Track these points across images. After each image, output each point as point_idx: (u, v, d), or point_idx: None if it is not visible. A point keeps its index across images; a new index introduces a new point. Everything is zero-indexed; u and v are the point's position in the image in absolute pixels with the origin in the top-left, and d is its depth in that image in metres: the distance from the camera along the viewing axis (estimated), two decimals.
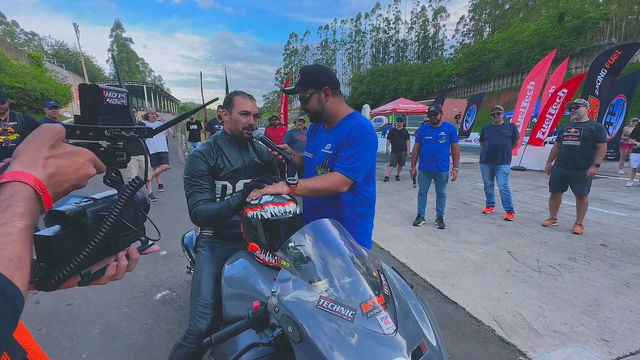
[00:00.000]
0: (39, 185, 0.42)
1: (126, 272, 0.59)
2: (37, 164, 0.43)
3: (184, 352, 1.35)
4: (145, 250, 0.64)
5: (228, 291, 1.27)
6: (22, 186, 0.40)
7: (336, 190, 1.42)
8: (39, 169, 0.43)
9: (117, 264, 0.57)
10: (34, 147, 0.44)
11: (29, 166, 0.42)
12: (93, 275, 0.53)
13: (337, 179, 1.40)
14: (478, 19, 60.64)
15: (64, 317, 2.42)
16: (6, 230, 0.36)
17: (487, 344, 2.16)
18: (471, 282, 2.99)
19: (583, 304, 2.60)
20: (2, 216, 0.37)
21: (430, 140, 4.49)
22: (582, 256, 3.55)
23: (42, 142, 0.45)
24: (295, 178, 1.35)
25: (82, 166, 0.49)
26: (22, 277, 0.36)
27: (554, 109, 9.05)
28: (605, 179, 8.38)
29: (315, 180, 1.41)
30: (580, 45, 32.21)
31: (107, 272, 0.56)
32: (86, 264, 0.50)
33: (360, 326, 0.79)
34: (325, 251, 0.96)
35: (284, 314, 0.80)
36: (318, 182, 1.40)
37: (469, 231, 4.42)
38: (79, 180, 0.49)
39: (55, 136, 0.46)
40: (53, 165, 0.45)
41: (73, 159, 0.48)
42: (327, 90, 1.48)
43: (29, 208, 0.39)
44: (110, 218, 0.51)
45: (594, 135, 4.10)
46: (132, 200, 0.56)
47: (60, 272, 0.47)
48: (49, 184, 0.44)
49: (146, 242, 0.64)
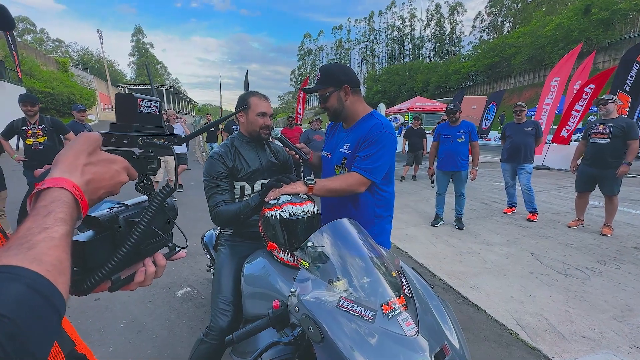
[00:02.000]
0: (78, 191, 0.43)
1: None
2: (76, 170, 0.44)
3: (206, 348, 1.38)
4: (172, 257, 0.65)
5: (248, 290, 1.29)
6: (63, 192, 0.41)
7: (354, 191, 1.42)
8: (77, 176, 0.44)
9: (145, 269, 0.58)
10: (73, 154, 0.46)
11: (69, 172, 0.44)
12: (123, 280, 0.54)
13: (355, 179, 1.40)
14: (497, 14, 58.84)
15: (91, 311, 2.53)
16: (50, 235, 0.37)
17: (511, 348, 2.10)
18: (493, 284, 2.91)
19: (614, 309, 2.48)
20: (45, 221, 0.38)
21: (448, 139, 4.40)
22: (612, 259, 3.39)
23: (81, 149, 0.46)
24: (312, 178, 1.36)
25: (116, 173, 0.50)
26: (64, 282, 0.36)
27: (580, 105, 8.67)
28: (637, 178, 7.95)
29: (333, 180, 1.41)
30: (608, 38, 30.63)
31: (136, 278, 0.57)
32: (117, 269, 0.51)
33: (381, 327, 0.78)
34: (344, 251, 0.96)
35: (304, 313, 0.81)
36: (336, 182, 1.39)
37: (490, 232, 4.30)
38: (113, 187, 0.50)
39: (93, 144, 0.48)
40: (90, 172, 0.46)
41: (109, 167, 0.49)
42: (346, 89, 1.48)
43: (69, 214, 0.41)
44: (141, 225, 0.52)
45: (625, 132, 3.90)
46: (162, 207, 0.57)
47: (92, 277, 0.48)
48: (86, 190, 0.45)
49: (173, 248, 0.65)
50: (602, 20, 29.71)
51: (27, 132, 3.82)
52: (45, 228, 0.37)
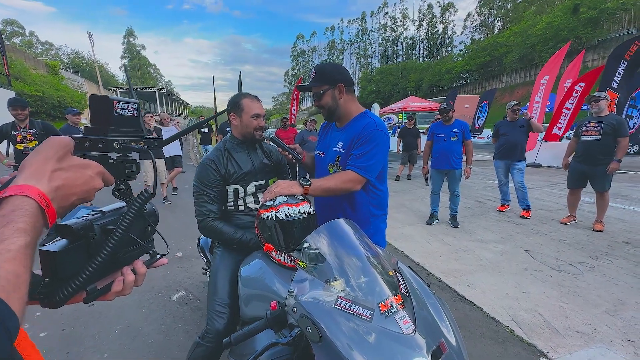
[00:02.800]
0: (44, 199, 0.40)
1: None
2: (43, 176, 0.42)
3: (202, 351, 1.37)
4: (153, 264, 0.62)
5: (244, 291, 1.28)
6: (26, 200, 0.39)
7: (349, 189, 1.42)
8: (44, 182, 0.42)
9: (123, 278, 0.55)
10: (40, 160, 0.43)
11: (34, 179, 0.41)
12: (99, 291, 0.52)
13: (350, 177, 1.40)
14: (488, 13, 59.48)
15: (86, 317, 2.49)
16: (5, 247, 0.35)
17: (507, 344, 2.12)
18: (488, 282, 2.94)
19: (606, 304, 2.52)
20: (2, 232, 0.36)
21: (442, 137, 4.44)
22: (604, 254, 3.44)
23: (49, 155, 0.44)
24: (308, 179, 1.36)
25: (90, 179, 0.48)
26: (19, 298, 0.33)
27: (570, 103, 8.79)
28: (627, 174, 8.09)
29: (328, 179, 1.42)
30: (597, 37, 31.17)
31: (113, 288, 0.54)
32: (92, 280, 0.49)
33: (379, 326, 0.78)
34: (340, 251, 0.96)
35: (302, 314, 0.81)
36: (331, 182, 1.40)
37: (484, 230, 4.34)
38: (86, 193, 0.47)
39: (63, 148, 0.45)
40: (60, 178, 0.44)
41: (81, 172, 0.47)
42: (341, 87, 1.48)
43: (31, 223, 0.38)
44: (117, 232, 0.50)
45: (615, 129, 3.97)
46: (140, 213, 0.55)
47: (65, 289, 0.46)
48: (55, 197, 0.42)
49: (154, 255, 0.62)
50: (590, 19, 30.23)
51: (17, 136, 3.76)
52: (2, 240, 0.35)
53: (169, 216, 5.27)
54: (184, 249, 3.85)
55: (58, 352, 2.11)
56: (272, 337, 1.02)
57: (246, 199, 1.67)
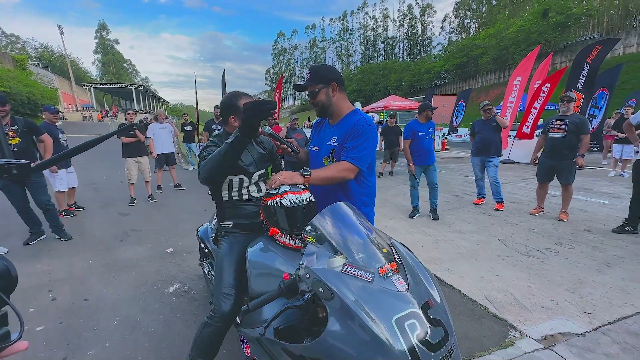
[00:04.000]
0: None
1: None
2: None
3: (211, 330, 1.49)
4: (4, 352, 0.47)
5: (253, 271, 1.42)
6: None
7: (344, 177, 1.58)
8: None
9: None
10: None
11: None
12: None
13: (345, 167, 1.56)
14: (464, 16, 61.36)
15: (82, 311, 2.53)
16: None
17: (482, 320, 2.36)
18: (465, 267, 3.19)
19: (567, 283, 2.82)
20: None
21: (424, 136, 4.69)
22: (567, 241, 3.79)
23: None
24: (308, 169, 1.51)
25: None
26: None
27: (538, 102, 9.37)
28: (590, 170, 8.73)
29: (325, 169, 1.57)
30: (564, 40, 32.94)
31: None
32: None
33: (379, 286, 0.95)
34: (343, 228, 1.12)
35: (314, 278, 0.96)
36: (328, 171, 1.56)
37: (462, 221, 4.63)
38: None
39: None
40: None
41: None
42: (334, 86, 1.64)
43: None
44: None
45: (578, 127, 4.35)
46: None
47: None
48: None
49: (7, 336, 0.47)
50: (558, 24, 31.86)
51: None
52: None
53: (155, 214, 5.27)
54: (174, 244, 3.90)
55: (57, 343, 2.15)
56: (276, 309, 1.16)
57: (250, 188, 1.78)
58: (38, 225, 4.02)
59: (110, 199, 6.26)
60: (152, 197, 6.04)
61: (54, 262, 3.44)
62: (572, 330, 2.19)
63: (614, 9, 35.56)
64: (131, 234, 4.31)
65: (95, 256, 3.59)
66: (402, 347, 0.84)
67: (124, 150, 5.72)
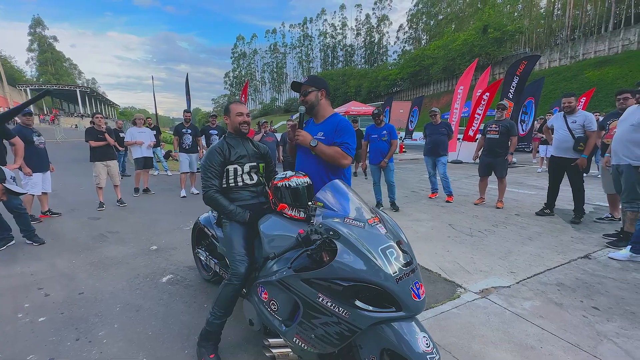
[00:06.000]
0: None
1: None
2: None
3: (230, 289, 1.85)
4: None
5: (267, 238, 1.80)
6: None
7: (338, 160, 2.00)
8: None
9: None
10: None
11: None
12: None
13: (341, 153, 2.01)
14: (416, 27, 65.74)
15: (80, 302, 2.67)
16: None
17: (436, 283, 2.94)
18: (423, 247, 3.79)
19: (500, 253, 3.54)
20: None
21: (376, 138, 5.32)
22: (502, 223, 4.61)
23: None
24: (316, 140, 1.97)
25: None
26: None
27: (480, 109, 10.67)
28: (522, 167, 10.14)
29: (328, 147, 2.01)
30: (501, 54, 36.95)
31: None
32: None
33: (368, 230, 1.42)
34: (341, 197, 1.58)
35: (326, 227, 1.40)
36: (329, 150, 2.00)
37: (419, 212, 5.32)
38: None
39: None
40: None
41: None
42: (323, 92, 2.11)
43: None
44: None
45: (508, 130, 5.27)
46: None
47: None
48: None
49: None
50: (496, 39, 35.65)
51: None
52: None
53: (129, 216, 5.29)
54: (157, 242, 4.05)
55: (66, 329, 2.31)
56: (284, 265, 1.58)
57: (243, 177, 2.19)
58: (7, 230, 3.93)
59: (74, 205, 6.07)
60: (122, 202, 5.99)
61: (33, 264, 3.45)
62: (501, 284, 2.85)
63: (540, 27, 40.63)
64: (108, 236, 4.36)
65: (76, 256, 3.64)
66: (385, 263, 1.32)
67: (92, 154, 5.63)
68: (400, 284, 1.31)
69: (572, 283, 2.85)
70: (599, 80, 24.28)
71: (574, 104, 4.48)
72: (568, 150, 4.43)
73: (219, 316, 1.90)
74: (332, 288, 1.36)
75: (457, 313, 2.44)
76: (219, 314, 1.88)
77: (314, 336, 1.47)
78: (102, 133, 5.65)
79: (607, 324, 2.27)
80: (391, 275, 1.30)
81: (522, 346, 2.05)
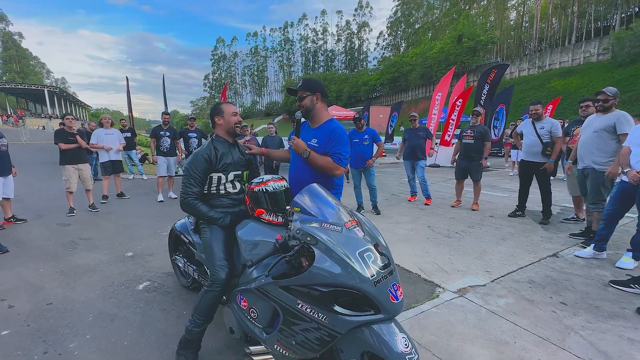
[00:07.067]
0: None
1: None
2: None
3: (211, 295, 1.81)
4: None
5: (245, 244, 1.78)
6: None
7: (330, 170, 1.98)
8: None
9: None
10: None
11: None
12: None
13: (332, 164, 1.99)
14: (395, 35, 67.44)
15: (49, 313, 2.52)
16: None
17: (416, 284, 3.00)
18: (403, 249, 3.87)
19: (476, 253, 3.67)
20: None
21: (357, 142, 5.40)
22: (477, 224, 4.78)
23: None
24: (308, 150, 1.95)
25: None
26: None
27: (455, 115, 11.08)
28: (495, 171, 10.58)
29: (320, 157, 1.99)
30: (475, 62, 38.55)
31: None
32: None
33: (346, 233, 1.44)
34: (318, 201, 1.59)
35: (303, 232, 1.40)
36: (321, 160, 1.98)
37: (399, 215, 5.43)
38: None
39: None
40: None
41: None
42: (318, 96, 2.07)
43: None
44: None
45: (482, 135, 5.49)
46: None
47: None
48: None
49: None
50: (470, 48, 37.17)
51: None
52: None
53: (102, 222, 5.06)
54: (132, 249, 3.90)
55: (32, 342, 2.18)
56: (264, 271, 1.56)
57: (226, 185, 2.14)
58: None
59: (41, 210, 5.74)
60: (94, 207, 5.73)
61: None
62: (477, 283, 2.96)
63: (510, 38, 42.81)
64: (80, 243, 4.15)
65: (44, 265, 3.45)
66: (363, 267, 1.34)
67: (62, 157, 5.36)
68: (379, 287, 1.33)
69: (542, 280, 3.01)
70: (563, 89, 25.81)
71: (540, 111, 4.75)
72: (537, 155, 4.68)
73: (199, 324, 1.86)
74: (311, 294, 1.36)
75: (437, 312, 2.51)
76: (199, 321, 1.84)
77: (295, 342, 1.47)
78: (73, 135, 5.40)
79: (574, 318, 2.40)
80: (369, 279, 1.32)
81: (497, 342, 2.13)
